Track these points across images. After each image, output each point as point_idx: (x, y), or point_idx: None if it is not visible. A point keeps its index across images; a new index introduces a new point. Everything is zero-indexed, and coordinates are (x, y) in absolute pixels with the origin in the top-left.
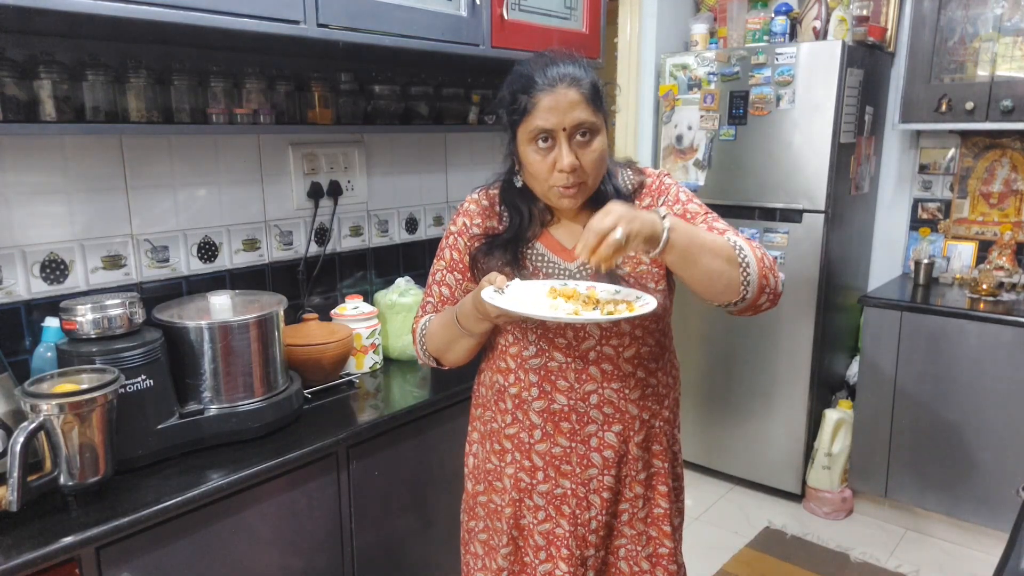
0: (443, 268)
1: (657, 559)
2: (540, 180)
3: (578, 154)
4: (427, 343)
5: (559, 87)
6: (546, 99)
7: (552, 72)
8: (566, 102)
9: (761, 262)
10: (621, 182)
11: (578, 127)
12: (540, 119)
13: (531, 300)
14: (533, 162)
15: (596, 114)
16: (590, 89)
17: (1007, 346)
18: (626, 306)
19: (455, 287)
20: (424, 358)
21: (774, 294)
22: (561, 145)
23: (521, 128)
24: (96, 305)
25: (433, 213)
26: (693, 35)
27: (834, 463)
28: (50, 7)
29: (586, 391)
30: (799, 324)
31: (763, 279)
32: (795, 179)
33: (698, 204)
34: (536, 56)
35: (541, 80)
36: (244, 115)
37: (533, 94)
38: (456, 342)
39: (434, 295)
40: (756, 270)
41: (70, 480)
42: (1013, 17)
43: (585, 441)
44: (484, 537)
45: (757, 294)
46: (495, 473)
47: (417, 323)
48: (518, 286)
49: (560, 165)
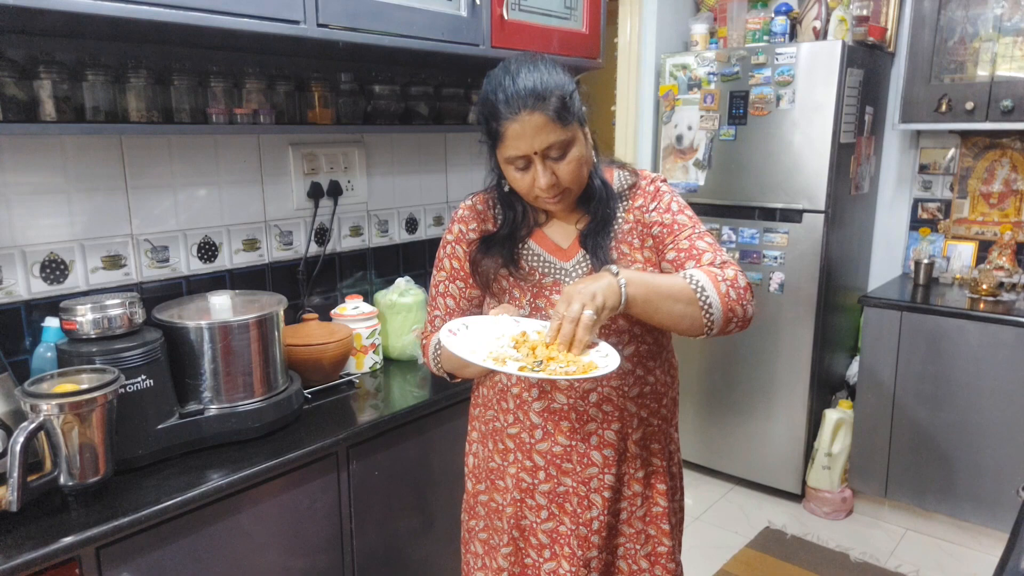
0: (445, 279)
1: (656, 558)
2: (524, 193)
3: (554, 169)
4: (443, 363)
5: (522, 113)
6: (512, 128)
7: (513, 95)
8: (532, 128)
9: (726, 297)
10: (616, 182)
11: (549, 148)
12: (511, 148)
13: (488, 341)
14: (514, 180)
15: (567, 128)
16: (556, 106)
17: (1007, 346)
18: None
19: (459, 296)
20: (439, 373)
21: (743, 322)
22: (536, 166)
23: (498, 151)
24: (96, 305)
25: (433, 213)
26: (693, 35)
27: (834, 463)
28: (50, 7)
29: (585, 389)
30: (799, 324)
31: (728, 312)
32: (795, 179)
33: (688, 216)
34: (500, 69)
35: (504, 108)
36: (244, 115)
37: (500, 122)
38: (467, 367)
39: (440, 308)
40: (720, 307)
41: (70, 480)
42: (1013, 17)
43: (585, 439)
44: (484, 536)
45: (723, 325)
46: (498, 472)
47: (428, 339)
48: (487, 322)
49: (538, 184)
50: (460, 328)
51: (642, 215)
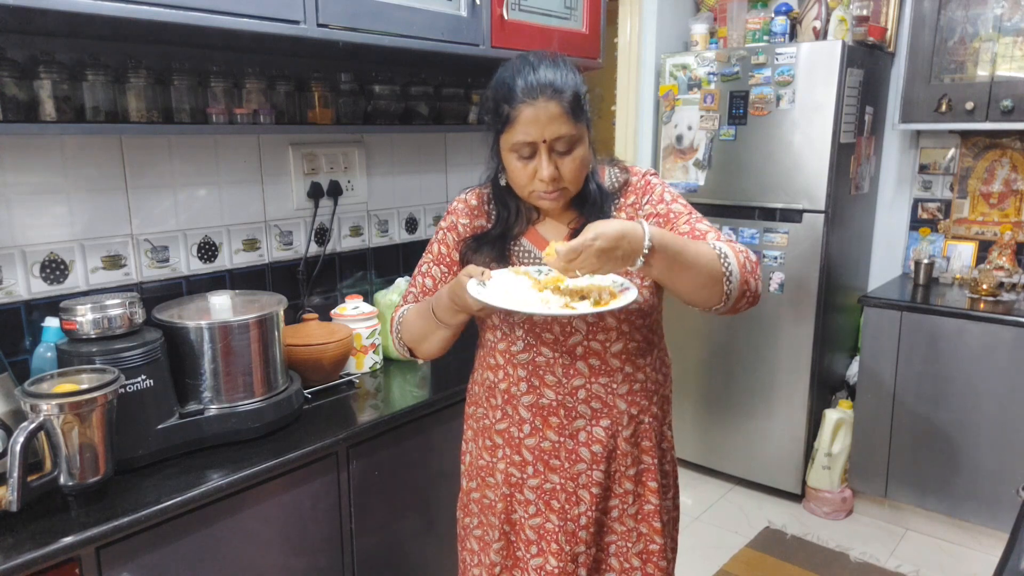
0: (430, 261)
1: (647, 556)
2: (521, 186)
3: (558, 163)
4: (403, 333)
5: (539, 100)
6: (526, 112)
7: (533, 83)
8: (546, 116)
9: (743, 267)
10: (608, 181)
11: (558, 140)
12: (520, 133)
13: (517, 293)
14: (514, 169)
15: (577, 125)
16: (571, 100)
17: (1007, 346)
18: (609, 294)
19: (439, 279)
20: (399, 347)
21: (754, 296)
22: (541, 156)
23: (503, 137)
24: (96, 305)
25: (433, 213)
26: (693, 35)
27: (834, 463)
28: (50, 7)
29: (574, 386)
30: (799, 324)
31: (744, 284)
32: (795, 179)
33: (682, 204)
34: (519, 59)
35: (521, 92)
36: (244, 115)
37: (514, 105)
38: (432, 333)
39: (417, 286)
40: (738, 277)
41: (70, 480)
42: (1013, 17)
43: (573, 436)
44: (479, 533)
45: (737, 299)
46: (487, 469)
47: (396, 311)
48: (500, 277)
49: (540, 176)
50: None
51: (635, 212)
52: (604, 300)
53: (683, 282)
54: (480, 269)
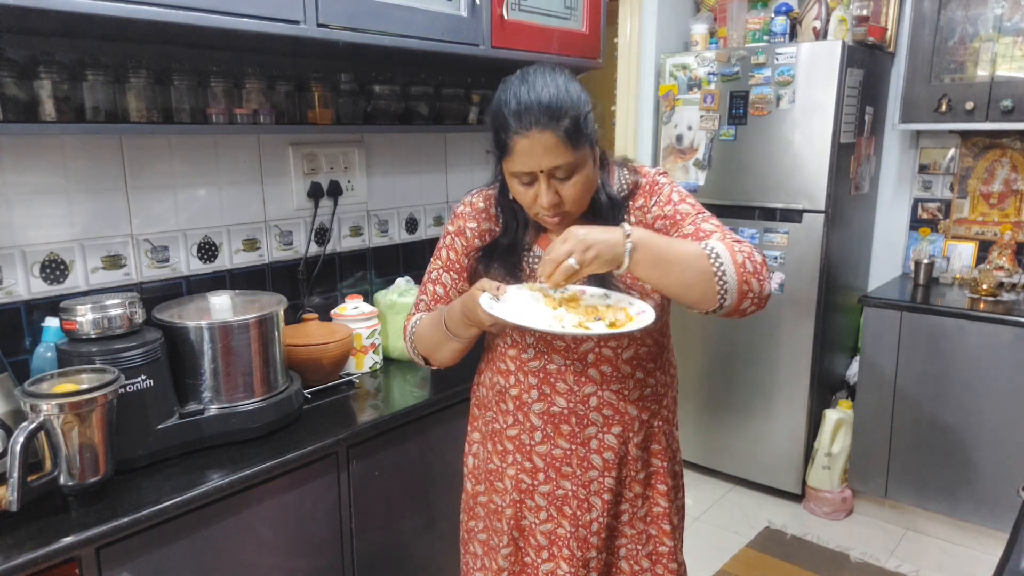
0: (439, 267)
1: (657, 557)
2: (525, 206)
3: (559, 189)
4: (416, 342)
5: (533, 131)
6: (521, 143)
7: (527, 111)
8: (541, 148)
9: (742, 267)
10: (617, 185)
11: (556, 168)
12: (518, 163)
13: (531, 309)
14: (517, 192)
15: (576, 151)
16: (568, 127)
17: (1007, 346)
18: (624, 314)
19: (450, 287)
20: (414, 356)
21: (759, 298)
22: (540, 184)
23: (504, 163)
24: (96, 305)
25: (433, 213)
26: (693, 35)
27: (834, 463)
28: (50, 7)
29: (586, 393)
30: (799, 324)
31: (744, 285)
32: (795, 179)
33: (691, 204)
34: (518, 79)
35: (515, 122)
36: (244, 115)
37: (509, 135)
38: (444, 344)
39: (428, 294)
40: (735, 278)
41: (70, 480)
42: (1013, 17)
43: (585, 443)
44: (484, 537)
45: (738, 300)
46: (496, 474)
47: (409, 320)
48: (514, 293)
49: (540, 203)
50: (494, 304)
51: (643, 215)
52: (620, 322)
53: (670, 282)
54: (495, 284)
